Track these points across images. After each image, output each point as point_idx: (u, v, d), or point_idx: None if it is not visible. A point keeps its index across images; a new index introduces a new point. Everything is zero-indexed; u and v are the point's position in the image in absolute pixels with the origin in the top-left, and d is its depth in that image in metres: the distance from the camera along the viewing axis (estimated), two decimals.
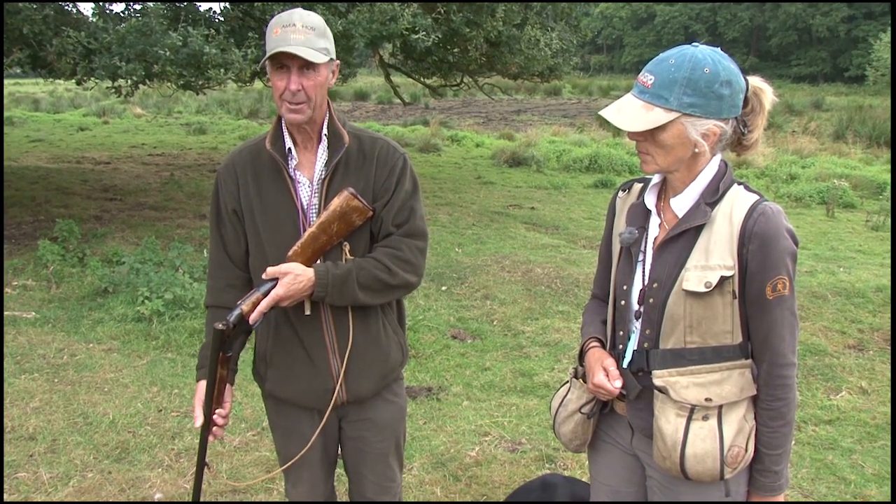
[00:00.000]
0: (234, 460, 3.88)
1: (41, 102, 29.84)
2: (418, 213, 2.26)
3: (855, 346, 5.52)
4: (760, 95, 1.88)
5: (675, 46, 1.84)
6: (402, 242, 2.21)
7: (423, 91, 19.54)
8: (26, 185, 11.26)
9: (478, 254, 7.85)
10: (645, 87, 1.80)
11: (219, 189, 2.27)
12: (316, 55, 2.03)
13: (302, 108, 2.08)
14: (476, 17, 9.66)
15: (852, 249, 8.59)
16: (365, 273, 2.15)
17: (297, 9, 2.10)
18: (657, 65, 1.81)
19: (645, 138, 1.84)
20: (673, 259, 1.87)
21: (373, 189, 2.21)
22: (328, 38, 2.11)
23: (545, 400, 4.67)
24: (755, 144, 1.92)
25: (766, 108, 1.89)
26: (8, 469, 3.72)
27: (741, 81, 1.81)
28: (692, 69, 1.75)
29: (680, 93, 1.76)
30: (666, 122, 1.78)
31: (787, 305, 1.82)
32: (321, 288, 2.10)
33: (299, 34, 2.02)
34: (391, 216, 2.21)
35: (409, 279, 2.22)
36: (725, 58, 1.80)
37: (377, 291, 2.19)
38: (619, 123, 1.82)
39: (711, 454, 1.82)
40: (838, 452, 4.10)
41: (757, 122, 1.90)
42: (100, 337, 5.53)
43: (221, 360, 2.10)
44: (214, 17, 8.49)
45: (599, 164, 14.68)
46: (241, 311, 2.07)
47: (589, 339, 2.11)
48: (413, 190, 2.26)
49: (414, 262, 2.22)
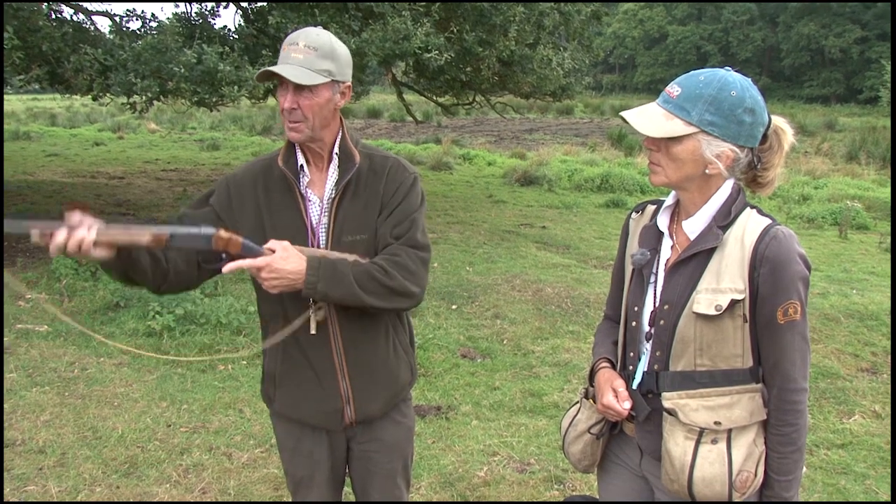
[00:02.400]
0: (242, 477, 3.88)
1: (58, 117, 30.15)
2: (419, 226, 2.20)
3: (868, 369, 5.48)
4: (781, 135, 1.89)
5: (687, 67, 1.85)
6: (400, 249, 2.14)
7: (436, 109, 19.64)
8: (42, 199, 11.34)
9: (488, 273, 7.85)
10: (670, 97, 1.82)
11: (215, 191, 2.26)
12: (308, 76, 2.02)
13: (299, 126, 2.08)
14: (489, 37, 9.70)
15: (865, 271, 8.53)
16: (362, 273, 2.07)
17: (310, 28, 2.10)
18: (687, 78, 1.82)
19: (659, 148, 1.84)
20: (684, 281, 1.86)
21: (381, 204, 2.19)
22: (334, 59, 2.08)
23: (554, 420, 4.65)
24: (771, 184, 1.93)
25: (785, 149, 1.90)
26: (17, 482, 3.72)
27: (765, 116, 1.82)
28: (720, 89, 1.77)
29: (703, 109, 1.77)
30: (682, 135, 1.79)
31: (799, 330, 1.81)
32: (312, 272, 2.01)
33: (299, 53, 2.03)
34: (390, 228, 2.17)
35: (408, 286, 2.12)
36: (754, 88, 1.81)
37: (374, 292, 2.08)
38: (637, 126, 1.82)
39: (720, 478, 1.81)
40: (851, 477, 4.06)
41: (774, 161, 1.90)
42: (111, 351, 5.54)
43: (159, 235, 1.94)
44: (229, 35, 8.57)
45: (611, 184, 14.66)
46: (216, 233, 1.98)
47: (599, 360, 2.10)
48: (419, 205, 2.22)
49: (413, 270, 2.13)
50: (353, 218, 2.18)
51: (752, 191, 1.95)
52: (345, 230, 2.17)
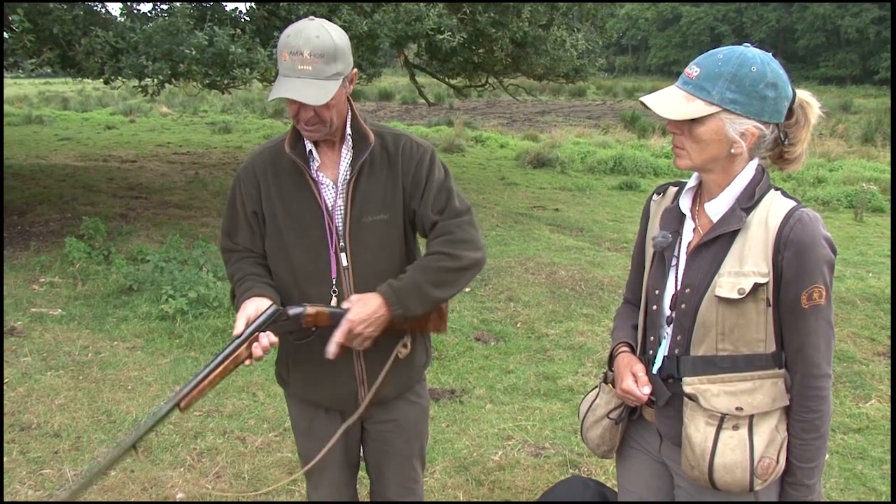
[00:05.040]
0: (256, 461, 3.88)
1: (70, 101, 30.17)
2: (455, 192, 2.23)
3: (885, 353, 5.42)
4: (807, 109, 1.85)
5: (700, 48, 1.81)
6: (451, 225, 2.17)
7: (448, 91, 19.54)
8: (54, 183, 11.37)
9: (502, 255, 7.81)
10: (689, 78, 1.78)
11: (238, 190, 2.23)
12: (323, 92, 1.97)
13: (317, 127, 2.06)
14: (502, 18, 9.61)
15: (881, 254, 8.44)
16: (430, 272, 2.10)
17: (307, 27, 1.99)
18: (705, 58, 1.79)
19: (682, 131, 1.81)
20: (706, 265, 1.83)
21: (402, 186, 2.18)
22: (340, 57, 2.02)
23: (569, 404, 4.63)
24: (799, 159, 1.89)
25: (812, 123, 1.86)
26: (34, 465, 3.74)
27: (788, 89, 1.78)
28: (739, 66, 1.73)
29: (723, 87, 1.73)
30: (705, 116, 1.75)
31: (823, 315, 1.77)
32: (394, 301, 2.06)
33: (307, 65, 1.96)
34: (429, 205, 2.18)
35: (474, 256, 2.16)
36: (775, 62, 1.77)
37: (450, 283, 2.13)
38: (658, 109, 1.79)
39: (741, 465, 1.78)
40: (868, 462, 4.02)
41: (801, 136, 1.86)
42: (124, 335, 5.55)
43: (252, 340, 2.01)
44: (240, 17, 8.52)
45: (624, 166, 14.58)
46: (304, 311, 2.05)
47: (619, 344, 2.08)
48: (445, 176, 2.23)
49: (470, 238, 2.17)
50: (373, 198, 2.16)
51: (779, 168, 1.91)
52: (364, 211, 2.15)
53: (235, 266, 2.25)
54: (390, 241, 2.20)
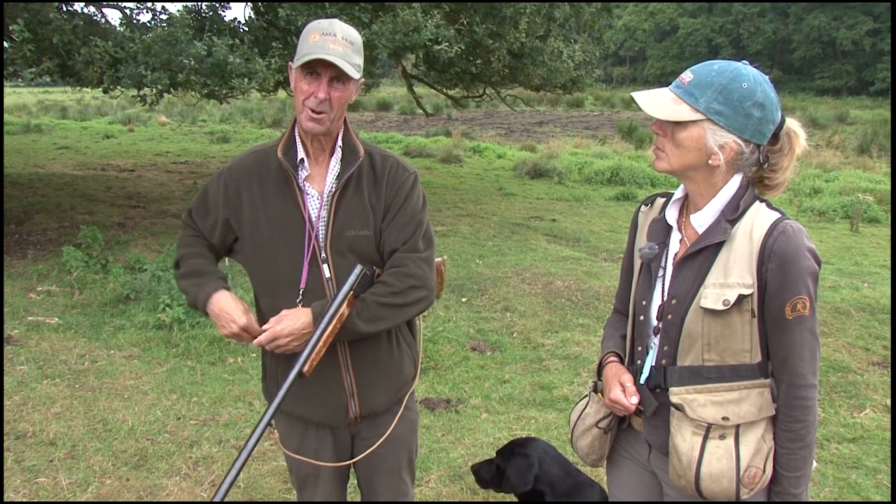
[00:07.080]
0: (252, 470, 3.89)
1: (69, 110, 30.24)
2: (424, 226, 2.22)
3: (879, 363, 5.45)
4: (793, 138, 1.87)
5: (697, 59, 1.85)
6: (406, 258, 2.16)
7: (446, 102, 19.58)
8: (52, 192, 11.39)
9: (498, 265, 7.84)
10: (682, 82, 1.82)
11: (219, 191, 2.23)
12: (351, 69, 2.03)
13: (323, 118, 2.06)
14: (499, 29, 9.67)
15: (877, 265, 8.48)
16: (367, 306, 2.10)
17: (335, 20, 2.09)
18: (702, 66, 1.83)
19: (665, 133, 1.84)
20: (692, 276, 1.85)
21: (384, 208, 2.19)
22: (361, 56, 2.10)
23: (564, 414, 4.65)
24: (779, 187, 1.91)
25: (796, 153, 1.88)
26: (28, 474, 3.75)
27: (776, 113, 1.81)
28: (731, 79, 1.76)
29: (711, 97, 1.76)
30: (688, 121, 1.78)
31: (808, 326, 1.79)
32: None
33: (339, 45, 2.01)
34: (394, 233, 2.18)
35: (418, 294, 2.16)
36: (769, 85, 1.80)
37: (385, 319, 2.14)
38: (645, 106, 1.82)
39: (727, 474, 1.80)
40: (862, 472, 4.04)
41: (783, 164, 1.88)
42: (121, 343, 5.57)
43: (350, 298, 2.06)
44: (239, 27, 8.57)
45: (621, 177, 14.63)
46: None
47: (607, 354, 2.10)
48: (421, 207, 2.23)
49: (421, 275, 2.16)
50: (356, 213, 2.16)
51: (759, 193, 1.92)
52: (347, 225, 2.16)
53: (192, 239, 2.32)
54: (371, 255, 2.19)
